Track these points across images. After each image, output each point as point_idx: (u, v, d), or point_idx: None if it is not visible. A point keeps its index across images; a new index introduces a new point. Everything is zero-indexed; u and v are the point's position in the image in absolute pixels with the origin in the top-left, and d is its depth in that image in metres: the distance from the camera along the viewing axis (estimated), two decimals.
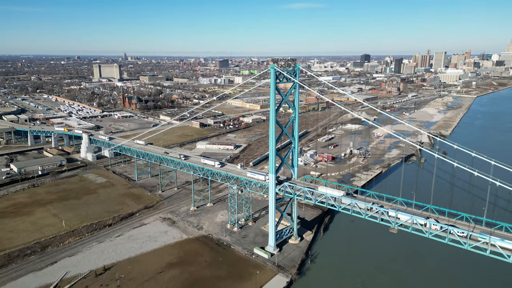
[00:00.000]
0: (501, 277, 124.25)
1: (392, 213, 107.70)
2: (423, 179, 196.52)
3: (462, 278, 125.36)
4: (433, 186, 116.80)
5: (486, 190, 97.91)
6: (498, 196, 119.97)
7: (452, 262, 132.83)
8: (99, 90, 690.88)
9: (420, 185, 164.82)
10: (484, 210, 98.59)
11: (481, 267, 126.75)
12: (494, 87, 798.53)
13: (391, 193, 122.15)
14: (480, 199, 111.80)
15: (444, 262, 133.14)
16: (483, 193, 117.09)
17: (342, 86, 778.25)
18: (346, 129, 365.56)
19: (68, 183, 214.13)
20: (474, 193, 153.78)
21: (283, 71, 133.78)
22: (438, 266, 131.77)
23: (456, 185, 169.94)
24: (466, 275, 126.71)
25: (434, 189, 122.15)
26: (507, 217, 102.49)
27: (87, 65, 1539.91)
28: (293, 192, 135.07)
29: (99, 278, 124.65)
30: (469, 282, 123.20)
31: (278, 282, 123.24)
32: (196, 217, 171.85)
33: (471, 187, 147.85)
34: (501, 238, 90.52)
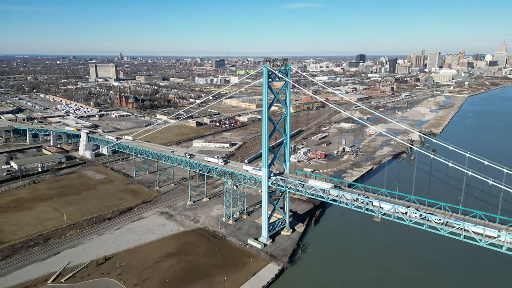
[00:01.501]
0: (480, 266, 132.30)
1: (376, 203, 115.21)
2: (411, 174, 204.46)
3: (444, 267, 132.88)
4: (414, 179, 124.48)
5: (467, 183, 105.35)
6: (476, 188, 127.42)
7: (435, 253, 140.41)
8: (96, 90, 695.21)
9: (408, 180, 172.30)
10: (460, 199, 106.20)
11: (461, 257, 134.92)
12: (486, 86, 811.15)
13: (379, 187, 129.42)
14: (458, 190, 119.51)
15: (428, 253, 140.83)
16: (461, 185, 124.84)
17: (337, 86, 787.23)
18: (340, 127, 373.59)
19: (68, 180, 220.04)
20: (452, 185, 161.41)
21: (275, 70, 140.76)
22: (421, 257, 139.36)
23: (435, 176, 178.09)
24: (449, 265, 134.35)
25: (420, 182, 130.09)
26: (481, 205, 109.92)
27: (83, 65, 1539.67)
28: (285, 185, 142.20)
29: (100, 267, 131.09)
30: (451, 271, 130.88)
31: (270, 270, 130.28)
32: (192, 211, 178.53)
33: (449, 179, 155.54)
34: (474, 224, 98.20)
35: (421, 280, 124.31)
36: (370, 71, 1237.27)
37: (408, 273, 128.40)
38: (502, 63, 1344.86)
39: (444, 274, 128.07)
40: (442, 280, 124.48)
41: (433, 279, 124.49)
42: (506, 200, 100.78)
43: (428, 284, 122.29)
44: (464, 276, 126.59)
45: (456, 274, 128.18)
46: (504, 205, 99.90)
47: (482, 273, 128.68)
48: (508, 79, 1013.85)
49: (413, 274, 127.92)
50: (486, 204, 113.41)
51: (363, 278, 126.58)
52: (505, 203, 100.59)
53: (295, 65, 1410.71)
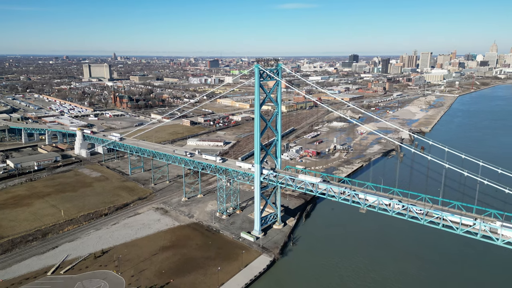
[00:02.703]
0: (460, 256, 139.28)
1: (362, 195, 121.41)
2: (398, 170, 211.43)
3: (426, 257, 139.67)
4: (398, 173, 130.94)
5: (450, 177, 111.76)
6: (455, 180, 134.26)
7: (417, 243, 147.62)
8: (90, 90, 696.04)
9: (395, 175, 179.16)
10: (440, 191, 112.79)
11: (440, 247, 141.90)
12: (477, 86, 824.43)
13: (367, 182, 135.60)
14: (440, 183, 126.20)
15: (411, 244, 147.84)
16: (443, 178, 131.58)
17: (330, 85, 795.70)
18: (332, 126, 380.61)
19: (64, 177, 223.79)
20: (435, 178, 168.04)
21: (267, 70, 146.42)
22: (405, 247, 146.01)
23: (419, 171, 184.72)
24: (430, 254, 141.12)
25: (406, 177, 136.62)
26: (459, 197, 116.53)
27: (76, 64, 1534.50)
28: (276, 180, 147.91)
29: (98, 259, 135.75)
30: (432, 260, 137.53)
31: (262, 261, 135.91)
32: (187, 207, 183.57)
33: (434, 173, 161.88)
34: (452, 213, 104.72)
35: (406, 268, 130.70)
36: (363, 71, 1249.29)
37: (393, 263, 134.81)
38: (493, 63, 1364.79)
39: (426, 262, 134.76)
40: (424, 268, 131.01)
41: (416, 267, 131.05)
42: (482, 192, 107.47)
43: (412, 272, 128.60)
44: (443, 264, 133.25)
45: (436, 263, 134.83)
46: (480, 196, 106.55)
47: (460, 260, 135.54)
48: (498, 79, 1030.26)
49: (398, 263, 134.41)
50: (464, 196, 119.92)
51: (351, 268, 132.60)
52: (481, 194, 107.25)
53: (289, 65, 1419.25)
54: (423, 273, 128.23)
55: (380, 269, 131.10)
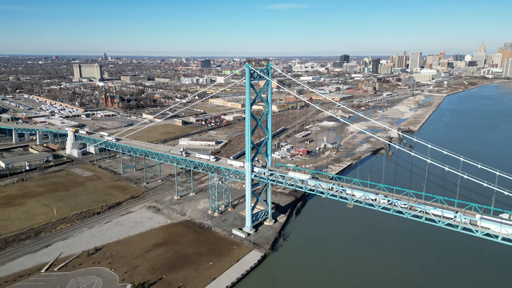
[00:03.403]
0: (444, 249, 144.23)
1: (349, 191, 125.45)
2: (386, 167, 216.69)
3: (412, 252, 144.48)
4: (384, 170, 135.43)
5: (435, 173, 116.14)
6: (438, 176, 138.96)
7: (404, 239, 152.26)
8: (80, 90, 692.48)
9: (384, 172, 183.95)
10: (423, 186, 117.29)
11: (425, 244, 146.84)
12: (465, 86, 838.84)
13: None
14: (427, 180, 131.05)
15: (397, 240, 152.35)
16: (429, 175, 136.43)
17: (321, 85, 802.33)
18: (322, 126, 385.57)
19: (56, 177, 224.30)
20: (420, 174, 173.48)
21: (257, 69, 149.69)
22: (392, 243, 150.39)
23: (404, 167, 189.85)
24: (415, 249, 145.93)
25: (393, 174, 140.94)
26: (442, 191, 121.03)
27: (66, 65, 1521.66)
28: (267, 177, 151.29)
29: (91, 257, 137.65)
30: (416, 254, 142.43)
31: (253, 256, 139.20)
32: (179, 205, 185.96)
33: (420, 170, 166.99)
34: (434, 207, 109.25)
35: (393, 263, 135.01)
36: (354, 71, 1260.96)
37: (380, 257, 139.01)
38: (481, 63, 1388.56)
39: (411, 257, 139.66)
40: (410, 262, 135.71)
41: (402, 262, 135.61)
42: (463, 187, 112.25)
43: (399, 266, 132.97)
44: (428, 258, 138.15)
45: (421, 257, 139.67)
46: (461, 191, 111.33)
47: (444, 254, 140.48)
48: (486, 79, 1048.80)
49: (385, 258, 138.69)
50: (446, 190, 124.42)
51: (339, 262, 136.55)
52: (463, 189, 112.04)
53: (281, 65, 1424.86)
54: (409, 267, 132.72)
55: (368, 263, 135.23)
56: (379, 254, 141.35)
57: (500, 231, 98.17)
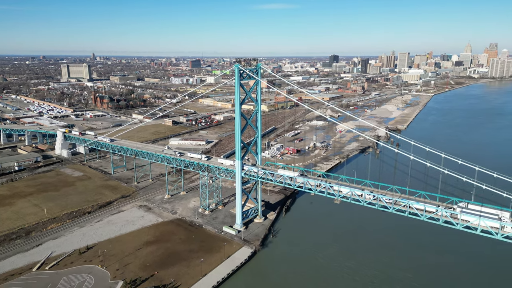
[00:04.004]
0: (425, 243, 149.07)
1: (336, 187, 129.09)
2: (373, 165, 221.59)
3: (397, 246, 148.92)
4: (369, 167, 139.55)
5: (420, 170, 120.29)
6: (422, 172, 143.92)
7: (390, 234, 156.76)
8: (69, 90, 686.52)
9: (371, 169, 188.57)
10: (407, 182, 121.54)
11: (410, 238, 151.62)
12: (451, 85, 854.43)
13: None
14: (413, 176, 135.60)
15: (383, 235, 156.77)
16: (414, 171, 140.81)
17: (311, 85, 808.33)
18: (312, 125, 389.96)
19: (46, 177, 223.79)
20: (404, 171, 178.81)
21: (246, 69, 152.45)
22: (378, 238, 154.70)
23: (390, 164, 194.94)
24: (401, 244, 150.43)
25: (379, 170, 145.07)
26: (425, 187, 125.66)
27: (53, 65, 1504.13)
28: (257, 175, 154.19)
29: (82, 255, 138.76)
30: (401, 248, 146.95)
31: (244, 252, 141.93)
32: (170, 204, 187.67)
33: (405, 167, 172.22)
34: (417, 202, 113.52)
35: (379, 257, 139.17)
36: (343, 71, 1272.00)
37: (367, 252, 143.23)
38: (467, 63, 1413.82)
39: (397, 251, 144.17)
40: (395, 256, 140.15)
41: (388, 255, 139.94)
42: (444, 182, 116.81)
43: (385, 260, 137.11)
44: (413, 251, 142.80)
45: (407, 251, 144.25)
46: (442, 186, 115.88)
47: (428, 247, 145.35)
48: (472, 78, 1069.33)
49: (372, 252, 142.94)
50: (429, 186, 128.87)
51: (328, 257, 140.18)
52: (444, 184, 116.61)
53: (271, 65, 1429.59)
54: (395, 261, 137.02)
55: (355, 258, 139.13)
56: (366, 249, 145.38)
57: (479, 223, 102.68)
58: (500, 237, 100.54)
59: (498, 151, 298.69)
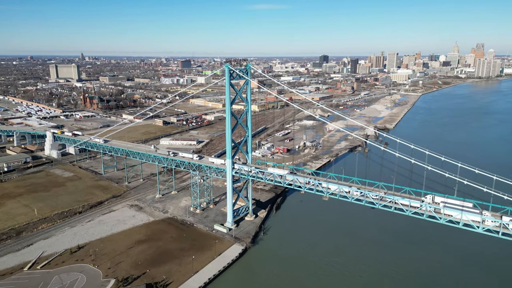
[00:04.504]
0: (410, 239, 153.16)
1: (325, 184, 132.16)
2: (361, 163, 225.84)
3: (383, 242, 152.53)
4: (358, 165, 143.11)
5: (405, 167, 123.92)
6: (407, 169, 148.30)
7: (377, 231, 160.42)
8: (58, 91, 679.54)
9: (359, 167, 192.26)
10: (393, 178, 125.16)
11: (396, 234, 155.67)
12: (439, 85, 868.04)
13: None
14: (399, 173, 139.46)
15: (370, 231, 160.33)
16: (400, 168, 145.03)
17: (301, 85, 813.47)
18: (302, 124, 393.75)
19: (35, 178, 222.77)
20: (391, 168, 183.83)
21: (236, 69, 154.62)
22: (365, 235, 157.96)
23: (376, 162, 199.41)
24: (387, 240, 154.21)
25: (366, 168, 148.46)
26: (409, 183, 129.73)
27: (41, 65, 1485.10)
28: (247, 174, 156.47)
29: (74, 255, 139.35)
30: (388, 244, 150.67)
31: (235, 250, 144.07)
32: (161, 203, 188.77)
33: (391, 164, 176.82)
34: (402, 197, 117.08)
35: (366, 252, 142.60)
36: (333, 71, 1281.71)
37: (355, 248, 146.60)
38: (455, 63, 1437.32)
39: (383, 247, 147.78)
40: (382, 252, 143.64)
41: (375, 251, 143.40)
42: (429, 179, 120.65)
43: (372, 255, 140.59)
44: (399, 247, 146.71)
45: (392, 246, 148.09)
46: (427, 182, 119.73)
47: (410, 243, 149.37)
48: (459, 78, 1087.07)
49: (359, 248, 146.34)
50: (413, 182, 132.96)
51: (317, 253, 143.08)
52: (428, 180, 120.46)
53: (261, 65, 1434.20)
54: (381, 256, 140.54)
55: (344, 254, 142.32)
56: (355, 246, 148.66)
57: (461, 217, 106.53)
58: (481, 230, 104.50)
59: (481, 149, 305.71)
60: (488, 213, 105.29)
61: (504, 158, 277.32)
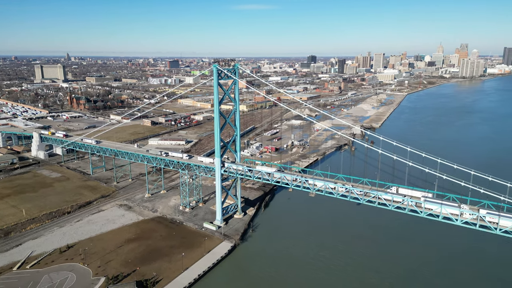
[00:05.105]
0: (395, 233, 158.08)
1: (311, 181, 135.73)
2: (347, 161, 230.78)
3: (368, 237, 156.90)
4: (342, 162, 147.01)
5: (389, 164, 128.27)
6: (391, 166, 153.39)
7: (362, 226, 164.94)
8: (43, 91, 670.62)
9: (344, 164, 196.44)
10: (377, 175, 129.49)
11: (380, 229, 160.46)
12: (424, 85, 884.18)
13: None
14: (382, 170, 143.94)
15: (355, 227, 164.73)
16: (386, 166, 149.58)
17: (289, 85, 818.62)
18: (290, 124, 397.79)
19: (23, 179, 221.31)
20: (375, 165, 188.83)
21: (224, 69, 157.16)
22: (351, 231, 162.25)
23: (362, 159, 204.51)
24: (372, 235, 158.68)
25: (351, 165, 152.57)
26: (392, 179, 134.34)
27: (26, 65, 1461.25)
28: (236, 172, 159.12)
29: (63, 254, 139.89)
30: (374, 241, 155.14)
31: (224, 246, 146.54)
32: (151, 202, 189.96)
33: (373, 161, 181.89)
34: (386, 193, 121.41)
35: (351, 247, 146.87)
36: (321, 72, 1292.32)
37: (341, 243, 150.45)
38: (439, 63, 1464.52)
39: (368, 241, 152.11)
40: (367, 246, 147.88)
41: (361, 246, 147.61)
42: (411, 175, 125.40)
43: (358, 250, 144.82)
44: (384, 242, 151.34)
45: (377, 241, 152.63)
46: (409, 178, 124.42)
47: (395, 238, 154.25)
48: (444, 78, 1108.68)
49: (345, 243, 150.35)
50: (396, 178, 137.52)
51: (304, 249, 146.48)
52: (410, 176, 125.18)
53: (250, 65, 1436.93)
54: (366, 250, 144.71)
55: (329, 249, 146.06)
56: (340, 241, 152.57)
57: (441, 211, 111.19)
58: (459, 223, 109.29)
59: (462, 147, 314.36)
60: (466, 207, 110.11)
61: (484, 155, 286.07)
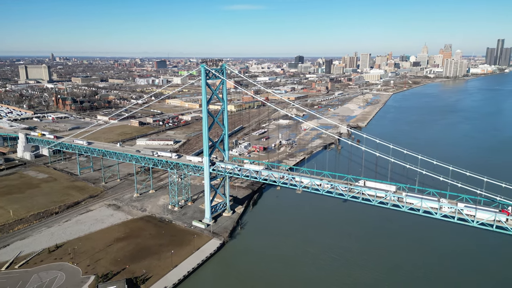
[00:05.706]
0: (379, 229, 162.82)
1: (298, 178, 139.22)
2: (334, 159, 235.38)
3: (353, 234, 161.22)
4: (328, 160, 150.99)
5: (372, 161, 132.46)
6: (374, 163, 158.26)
7: (346, 223, 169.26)
8: (28, 92, 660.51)
9: (330, 162, 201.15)
10: (361, 171, 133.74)
11: (365, 225, 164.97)
12: (409, 85, 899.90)
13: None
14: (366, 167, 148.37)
15: (341, 224, 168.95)
16: (369, 163, 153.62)
17: (277, 86, 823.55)
18: (278, 124, 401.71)
19: (9, 180, 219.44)
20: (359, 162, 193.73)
21: (212, 69, 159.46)
22: (337, 227, 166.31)
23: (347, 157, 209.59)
24: (357, 231, 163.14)
25: (341, 163, 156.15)
26: (375, 175, 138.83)
27: (9, 66, 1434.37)
28: (224, 170, 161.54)
29: (52, 253, 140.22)
30: (358, 236, 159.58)
31: (213, 244, 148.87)
32: (139, 202, 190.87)
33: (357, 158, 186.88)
34: (369, 188, 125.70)
35: (338, 243, 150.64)
36: (308, 72, 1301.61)
37: (327, 240, 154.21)
38: (424, 63, 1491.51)
39: (353, 237, 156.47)
40: (352, 242, 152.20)
41: (346, 242, 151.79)
42: (394, 172, 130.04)
43: (344, 245, 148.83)
44: (369, 238, 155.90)
45: (362, 237, 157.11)
46: (391, 174, 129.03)
47: (379, 233, 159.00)
48: (428, 78, 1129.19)
49: (331, 240, 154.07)
50: (380, 175, 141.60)
51: (291, 245, 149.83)
52: (393, 173, 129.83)
53: (238, 66, 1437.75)
54: (352, 245, 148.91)
55: (316, 245, 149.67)
56: (327, 237, 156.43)
57: (421, 205, 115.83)
58: (439, 216, 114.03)
59: (444, 144, 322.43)
60: (445, 200, 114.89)
61: (463, 151, 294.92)
